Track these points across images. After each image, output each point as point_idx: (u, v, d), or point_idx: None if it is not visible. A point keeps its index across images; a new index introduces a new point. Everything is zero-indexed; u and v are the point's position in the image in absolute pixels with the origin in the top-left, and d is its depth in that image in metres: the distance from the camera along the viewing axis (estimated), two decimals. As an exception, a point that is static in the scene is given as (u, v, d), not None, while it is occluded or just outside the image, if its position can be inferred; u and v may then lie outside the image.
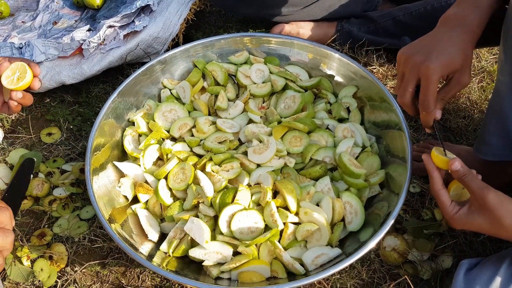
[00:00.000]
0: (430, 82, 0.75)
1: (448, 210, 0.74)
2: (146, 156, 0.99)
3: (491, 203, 0.68)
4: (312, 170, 0.97)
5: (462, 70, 0.77)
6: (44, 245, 1.03)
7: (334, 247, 0.87)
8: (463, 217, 0.72)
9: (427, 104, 0.78)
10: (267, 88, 1.12)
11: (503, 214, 0.67)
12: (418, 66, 0.76)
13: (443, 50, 0.75)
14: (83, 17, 1.58)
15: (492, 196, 0.68)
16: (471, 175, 0.72)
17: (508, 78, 0.84)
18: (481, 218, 0.70)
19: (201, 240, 0.84)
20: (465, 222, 0.72)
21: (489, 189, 0.70)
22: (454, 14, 0.79)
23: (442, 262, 0.99)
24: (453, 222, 0.74)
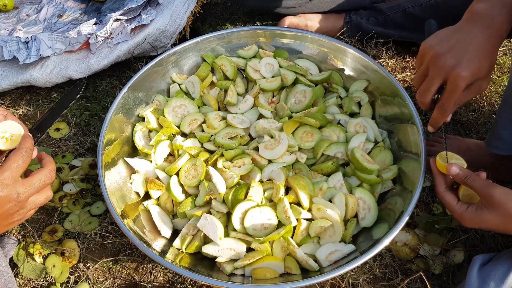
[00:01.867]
0: (457, 89, 0.73)
1: (456, 209, 0.75)
2: (157, 152, 0.98)
3: (499, 198, 0.68)
4: (324, 166, 0.96)
5: (485, 77, 0.75)
6: (55, 241, 1.03)
7: (348, 243, 0.87)
8: (473, 214, 0.73)
9: (446, 108, 0.77)
10: (277, 82, 1.11)
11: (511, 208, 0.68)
12: (448, 70, 0.73)
13: (475, 57, 0.72)
14: (88, 9, 1.56)
15: (498, 192, 0.69)
16: (472, 176, 0.73)
17: None
18: (491, 214, 0.70)
19: (214, 237, 0.84)
20: (475, 220, 0.72)
21: (494, 185, 0.70)
22: (484, 11, 0.74)
23: (453, 257, 0.99)
24: (463, 220, 0.74)
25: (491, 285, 0.71)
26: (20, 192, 0.64)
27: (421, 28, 1.29)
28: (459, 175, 0.74)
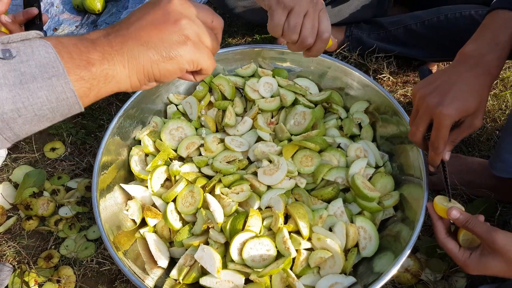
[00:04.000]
0: (442, 127, 0.74)
1: (459, 257, 0.73)
2: (153, 178, 0.96)
3: (502, 244, 0.67)
4: (324, 192, 0.94)
5: (475, 114, 0.75)
6: (51, 267, 1.01)
7: (348, 275, 0.85)
8: (476, 262, 0.71)
9: (436, 146, 0.77)
10: (276, 102, 1.09)
11: None
12: (432, 109, 0.74)
13: (459, 95, 0.73)
14: (83, 22, 1.54)
15: (501, 238, 0.67)
16: (473, 221, 0.71)
17: None
18: (495, 261, 0.68)
19: (212, 270, 0.83)
20: (479, 267, 0.71)
21: (496, 231, 0.68)
22: (472, 51, 0.75)
23: (455, 283, 0.97)
24: (467, 268, 0.72)
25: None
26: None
27: (423, 45, 1.28)
28: (460, 219, 0.72)
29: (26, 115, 0.44)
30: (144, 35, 0.50)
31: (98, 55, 0.47)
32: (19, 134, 0.45)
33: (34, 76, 0.43)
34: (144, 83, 0.52)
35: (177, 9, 0.52)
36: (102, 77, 0.47)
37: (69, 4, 1.59)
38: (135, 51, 0.49)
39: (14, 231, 1.08)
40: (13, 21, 0.84)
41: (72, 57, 0.45)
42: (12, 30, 0.84)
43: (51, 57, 0.44)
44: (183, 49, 0.51)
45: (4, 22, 0.83)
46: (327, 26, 0.80)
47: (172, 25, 0.51)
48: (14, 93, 0.42)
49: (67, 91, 0.44)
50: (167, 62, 0.51)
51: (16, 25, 0.84)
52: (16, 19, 0.84)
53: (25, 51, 0.44)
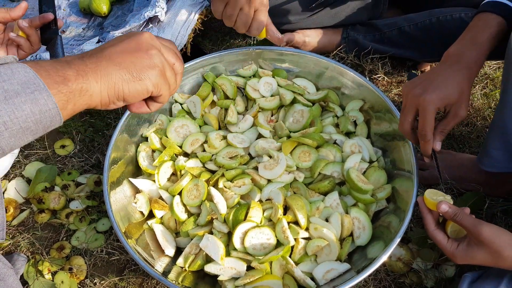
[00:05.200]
0: (426, 112, 0.81)
1: (447, 248, 0.78)
2: (160, 173, 1.02)
3: (487, 237, 0.72)
4: (321, 185, 1.00)
5: (458, 103, 0.82)
6: (63, 257, 1.07)
7: (343, 262, 0.91)
8: (463, 252, 0.76)
9: (424, 133, 0.83)
10: (276, 101, 1.14)
11: (501, 246, 0.71)
12: (416, 98, 0.82)
13: (440, 85, 0.81)
14: (90, 24, 1.60)
15: (486, 231, 0.72)
16: (461, 214, 0.76)
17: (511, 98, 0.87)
18: (481, 252, 0.74)
19: (216, 257, 0.88)
20: (466, 257, 0.76)
21: (481, 224, 0.73)
22: (453, 51, 0.84)
23: (445, 271, 1.03)
24: (455, 258, 0.78)
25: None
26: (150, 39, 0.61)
27: (416, 46, 1.33)
28: (449, 212, 0.77)
29: (12, 128, 0.48)
30: (118, 58, 0.57)
31: (73, 72, 0.52)
32: (4, 149, 0.48)
33: (17, 92, 0.48)
34: (113, 102, 0.57)
35: (148, 41, 0.59)
36: (77, 91, 0.52)
37: (75, 7, 1.64)
38: (108, 69, 0.55)
39: (27, 224, 1.14)
40: (30, 26, 0.89)
41: (50, 74, 0.50)
42: (29, 34, 0.90)
43: (30, 75, 0.49)
44: (151, 73, 0.58)
45: (22, 27, 0.88)
46: (258, 24, 1.02)
47: (143, 52, 0.58)
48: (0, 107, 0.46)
49: (49, 103, 0.49)
50: (136, 82, 0.57)
51: (32, 29, 0.90)
52: (33, 24, 0.90)
53: (6, 72, 0.48)
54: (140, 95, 0.58)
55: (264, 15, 1.02)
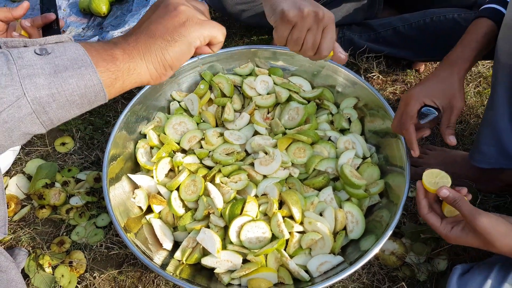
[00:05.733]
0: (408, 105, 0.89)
1: (441, 230, 0.81)
2: (158, 169, 1.05)
3: (482, 227, 0.74)
4: (315, 181, 1.02)
5: (448, 96, 0.88)
6: (63, 252, 1.09)
7: (337, 255, 0.93)
8: (457, 235, 0.79)
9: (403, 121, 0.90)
10: (272, 99, 1.17)
11: (495, 237, 0.73)
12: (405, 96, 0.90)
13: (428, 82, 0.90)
14: (90, 24, 1.62)
15: (483, 220, 0.74)
16: (461, 200, 0.78)
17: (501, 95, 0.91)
18: (474, 238, 0.76)
19: (213, 250, 0.91)
20: (459, 240, 0.79)
21: (479, 214, 0.75)
22: (449, 55, 0.92)
23: (437, 265, 1.05)
24: (449, 239, 0.80)
25: (468, 294, 0.77)
26: None
27: (410, 46, 1.36)
28: (449, 198, 0.79)
29: (59, 100, 0.51)
30: (152, 28, 0.58)
31: (120, 51, 0.55)
32: (52, 119, 0.52)
33: (66, 67, 0.51)
34: (162, 73, 0.59)
35: (174, 1, 0.61)
36: (126, 69, 0.55)
37: (75, 7, 1.66)
38: (147, 43, 0.57)
39: (28, 219, 1.16)
40: (32, 26, 0.91)
41: (99, 53, 0.54)
42: (31, 34, 0.92)
43: (80, 52, 0.52)
44: (184, 29, 0.58)
45: (24, 26, 0.91)
46: (328, 43, 0.82)
47: (172, 13, 0.59)
48: (49, 80, 0.50)
49: (94, 78, 0.52)
50: (173, 44, 0.58)
51: (34, 29, 0.92)
52: (35, 23, 0.92)
53: (59, 49, 0.52)
54: (183, 56, 0.60)
55: (333, 32, 0.83)
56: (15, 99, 0.48)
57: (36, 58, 0.51)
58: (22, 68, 0.49)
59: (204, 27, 0.60)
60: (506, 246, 0.74)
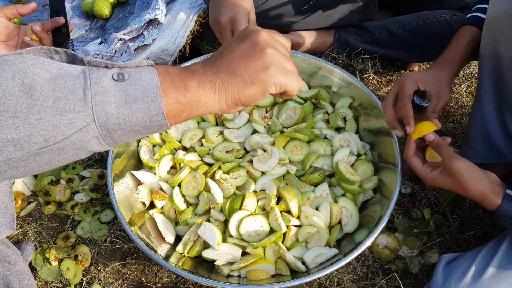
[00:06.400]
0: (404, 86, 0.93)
1: (421, 171, 0.88)
2: (161, 165, 1.09)
3: (458, 169, 0.82)
4: (311, 177, 1.06)
5: (439, 88, 0.94)
6: (69, 246, 1.13)
7: (332, 247, 0.97)
8: (434, 177, 0.86)
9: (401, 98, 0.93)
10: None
11: (467, 180, 0.81)
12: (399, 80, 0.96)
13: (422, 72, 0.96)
14: (92, 26, 1.66)
15: (459, 163, 0.82)
16: (443, 145, 0.86)
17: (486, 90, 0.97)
18: (449, 180, 0.84)
19: (213, 243, 0.95)
20: (435, 182, 0.87)
21: (457, 158, 0.83)
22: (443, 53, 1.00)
23: (429, 258, 1.09)
24: (426, 180, 0.89)
25: (452, 281, 0.82)
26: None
27: (404, 47, 1.40)
28: (434, 141, 0.87)
29: (125, 129, 0.53)
30: (233, 66, 0.57)
31: (195, 83, 0.56)
32: (117, 141, 0.54)
33: (137, 98, 0.52)
34: (232, 107, 0.60)
35: (263, 40, 0.59)
36: (195, 103, 0.56)
37: (78, 10, 1.71)
38: (225, 80, 0.57)
39: (34, 215, 1.20)
40: (42, 30, 0.96)
41: (174, 83, 0.55)
42: (42, 38, 0.96)
43: (153, 83, 0.53)
44: (265, 74, 0.57)
45: (35, 31, 0.95)
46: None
47: (258, 54, 0.57)
48: (119, 110, 0.51)
49: (159, 115, 0.53)
50: (250, 87, 0.57)
51: (45, 33, 0.96)
52: (45, 28, 0.96)
53: (135, 76, 0.53)
54: (257, 98, 0.60)
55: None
56: (86, 124, 0.50)
57: (112, 85, 0.52)
58: (97, 95, 0.51)
59: (286, 77, 0.59)
60: (476, 191, 0.81)
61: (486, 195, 0.81)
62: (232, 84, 0.58)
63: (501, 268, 0.81)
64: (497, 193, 0.81)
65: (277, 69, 0.58)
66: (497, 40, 0.88)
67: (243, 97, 0.59)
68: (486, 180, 0.82)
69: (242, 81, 0.57)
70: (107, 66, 0.55)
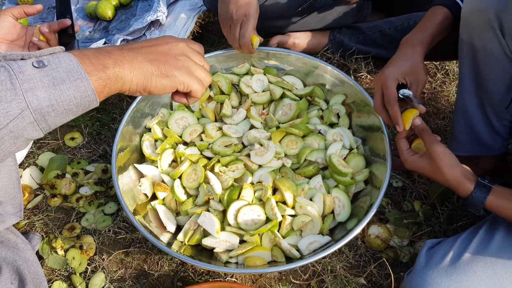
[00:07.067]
0: (386, 85, 0.96)
1: (404, 154, 0.95)
2: (162, 159, 1.14)
3: (437, 152, 0.88)
4: (306, 170, 1.12)
5: (415, 72, 0.99)
6: (74, 237, 1.18)
7: (325, 235, 1.02)
8: (414, 160, 0.93)
9: (388, 101, 0.97)
10: (267, 96, 1.26)
11: (444, 163, 0.88)
12: (378, 78, 0.99)
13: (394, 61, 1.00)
14: (96, 28, 1.72)
15: (439, 148, 0.88)
16: (428, 131, 0.92)
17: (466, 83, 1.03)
18: (427, 163, 0.90)
19: (212, 231, 1.00)
20: (414, 165, 0.93)
21: (438, 143, 0.89)
22: (405, 37, 1.05)
23: (419, 247, 1.15)
24: (406, 163, 0.95)
25: (433, 263, 0.87)
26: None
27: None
28: (419, 127, 0.93)
29: (58, 109, 0.57)
30: (152, 56, 0.68)
31: (112, 61, 0.63)
32: (50, 125, 0.58)
33: (63, 79, 0.57)
34: (139, 91, 0.67)
35: (180, 49, 0.71)
36: (114, 77, 0.63)
37: (82, 12, 1.76)
38: (142, 63, 0.66)
39: (41, 207, 1.25)
40: (49, 31, 1.01)
41: (92, 63, 0.61)
42: (49, 39, 1.01)
43: (74, 64, 0.59)
44: (177, 72, 0.68)
45: (43, 32, 1.00)
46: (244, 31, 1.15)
47: (174, 57, 0.69)
48: (49, 92, 0.56)
49: (88, 90, 0.59)
50: (163, 78, 0.67)
51: (52, 34, 1.01)
52: (51, 29, 1.01)
53: (54, 61, 0.58)
54: (164, 89, 0.69)
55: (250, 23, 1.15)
56: (20, 111, 0.54)
57: (35, 72, 0.56)
58: (24, 82, 0.55)
59: (192, 80, 0.70)
60: (451, 175, 0.88)
61: (460, 180, 0.87)
62: (148, 69, 0.66)
63: (478, 250, 0.86)
64: (470, 180, 0.87)
65: (187, 72, 0.69)
66: (472, 35, 0.94)
67: (154, 84, 0.67)
68: (461, 168, 0.89)
69: (158, 70, 0.66)
70: (23, 58, 0.59)
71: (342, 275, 1.10)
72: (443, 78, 1.55)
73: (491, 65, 0.97)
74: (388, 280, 1.08)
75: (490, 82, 1.00)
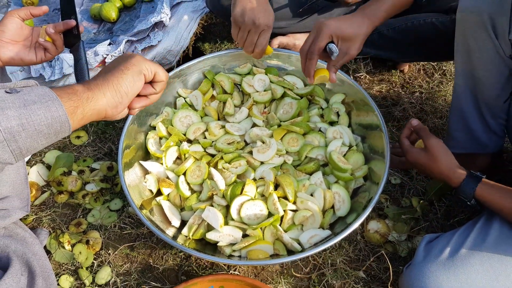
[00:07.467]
0: (320, 32, 1.01)
1: (407, 148, 1.03)
2: (167, 156, 1.17)
3: (432, 143, 0.97)
4: (307, 166, 1.15)
5: (351, 42, 1.03)
6: (80, 232, 1.21)
7: (326, 229, 1.05)
8: (413, 151, 1.01)
9: (312, 51, 1.02)
10: (268, 95, 1.30)
11: (439, 154, 0.96)
12: (318, 23, 1.03)
13: (341, 19, 1.03)
14: (100, 29, 1.76)
15: (433, 140, 0.98)
16: (424, 129, 1.01)
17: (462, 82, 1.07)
18: (425, 155, 0.98)
19: (216, 225, 1.03)
20: (414, 156, 1.00)
21: (433, 137, 0.98)
22: (361, 8, 1.07)
23: (417, 242, 1.18)
24: (407, 154, 1.03)
25: (432, 256, 0.90)
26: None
27: (394, 48, 1.50)
28: (417, 126, 1.03)
29: (28, 129, 0.58)
30: (107, 68, 0.72)
31: (80, 87, 0.67)
32: (21, 148, 0.58)
33: (34, 101, 0.59)
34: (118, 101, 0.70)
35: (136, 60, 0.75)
36: (85, 98, 0.65)
37: (87, 13, 1.80)
38: (104, 78, 0.69)
39: (48, 204, 1.28)
40: (55, 32, 1.04)
41: (62, 89, 0.64)
42: (54, 39, 1.04)
43: (46, 90, 0.62)
44: (136, 61, 0.73)
45: (49, 33, 1.03)
46: (261, 41, 1.17)
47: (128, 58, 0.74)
48: (19, 112, 0.57)
49: (59, 110, 0.60)
50: (126, 72, 0.71)
51: (57, 35, 1.04)
52: (57, 29, 1.04)
53: (27, 89, 0.61)
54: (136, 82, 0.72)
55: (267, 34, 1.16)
56: None
57: (7, 96, 0.58)
58: None
59: (150, 63, 0.75)
60: (445, 165, 0.95)
61: (453, 169, 0.95)
62: (112, 77, 0.70)
63: (475, 244, 0.89)
64: (462, 170, 0.95)
65: (143, 59, 0.74)
66: (467, 35, 0.98)
67: (124, 85, 0.70)
68: (455, 160, 0.97)
69: (118, 70, 0.71)
70: None
71: (342, 269, 1.13)
72: (440, 78, 1.59)
73: (486, 65, 1.01)
74: (387, 273, 1.11)
75: (485, 81, 1.04)
